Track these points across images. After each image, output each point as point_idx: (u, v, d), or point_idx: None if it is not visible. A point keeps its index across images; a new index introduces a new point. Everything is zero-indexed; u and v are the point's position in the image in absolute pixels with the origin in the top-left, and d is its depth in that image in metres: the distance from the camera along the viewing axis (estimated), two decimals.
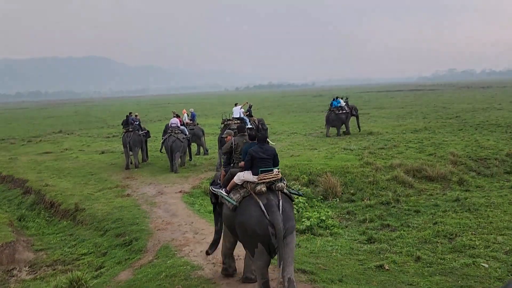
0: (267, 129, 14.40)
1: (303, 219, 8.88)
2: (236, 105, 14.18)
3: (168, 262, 6.22)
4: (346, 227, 8.81)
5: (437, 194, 10.26)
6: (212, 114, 38.66)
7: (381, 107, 36.23)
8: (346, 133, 19.91)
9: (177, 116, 14.69)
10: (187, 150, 14.40)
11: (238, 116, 13.78)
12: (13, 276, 7.18)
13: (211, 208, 7.76)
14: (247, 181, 4.76)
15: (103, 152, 18.29)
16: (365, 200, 10.03)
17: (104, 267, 6.95)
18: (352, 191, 10.70)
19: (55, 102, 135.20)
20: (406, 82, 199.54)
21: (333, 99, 20.74)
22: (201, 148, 16.62)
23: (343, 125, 19.94)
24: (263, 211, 4.49)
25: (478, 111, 27.65)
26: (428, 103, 39.86)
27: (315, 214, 9.14)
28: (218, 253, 5.87)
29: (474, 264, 6.07)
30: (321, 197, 10.53)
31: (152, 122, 33.59)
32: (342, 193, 10.61)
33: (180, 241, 7.16)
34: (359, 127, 20.51)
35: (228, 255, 5.57)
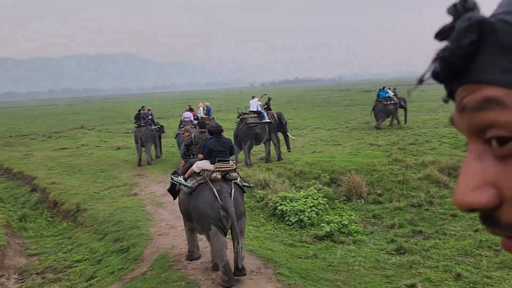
0: (286, 122, 13.40)
1: (323, 224, 7.92)
2: (253, 97, 13.25)
3: (162, 275, 5.40)
4: (372, 233, 7.78)
5: None
6: (234, 109, 37.91)
7: (411, 100, 34.47)
8: (393, 124, 18.94)
9: (191, 110, 13.91)
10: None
11: (255, 109, 12.85)
12: (0, 284, 6.54)
13: None
14: (204, 169, 5.15)
15: (118, 148, 17.77)
16: (394, 202, 8.91)
17: (95, 277, 6.20)
18: (379, 192, 9.60)
19: (83, 98, 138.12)
20: None
21: (380, 90, 19.55)
22: None
23: (390, 116, 18.91)
24: (216, 196, 4.92)
25: None
26: None
27: (336, 218, 8.15)
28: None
29: None
30: (344, 198, 9.50)
31: (174, 117, 33.06)
32: (367, 194, 9.54)
33: (180, 249, 6.33)
34: (406, 120, 19.31)
35: (191, 242, 5.79)
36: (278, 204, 8.67)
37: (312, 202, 8.74)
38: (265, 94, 14.18)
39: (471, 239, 6.64)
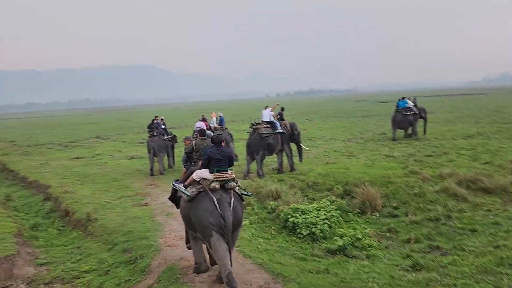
0: (299, 133, 13.24)
1: (335, 237, 7.70)
2: (266, 108, 13.15)
3: None
4: (387, 248, 7.51)
5: (496, 209, 8.64)
6: (248, 120, 37.91)
7: (428, 112, 33.89)
8: (413, 135, 18.63)
9: (204, 120, 13.88)
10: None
11: (268, 119, 12.75)
12: None
13: None
14: (204, 178, 5.21)
15: (132, 158, 17.85)
16: (410, 216, 8.62)
17: None
18: (394, 205, 9.32)
19: (101, 109, 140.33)
20: (454, 87, 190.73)
21: (399, 100, 19.31)
22: None
23: (410, 127, 18.68)
24: (215, 205, 4.96)
25: None
26: (479, 107, 36.99)
27: (350, 232, 7.91)
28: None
29: None
30: (358, 210, 9.25)
31: (188, 127, 33.21)
32: (382, 207, 9.26)
33: (188, 261, 6.19)
34: (425, 131, 18.97)
35: (197, 252, 5.72)
36: (289, 216, 8.48)
37: (324, 214, 8.52)
38: (278, 104, 14.07)
39: (492, 256, 6.33)
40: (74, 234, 8.84)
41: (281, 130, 12.63)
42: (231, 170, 5.35)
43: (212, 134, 13.54)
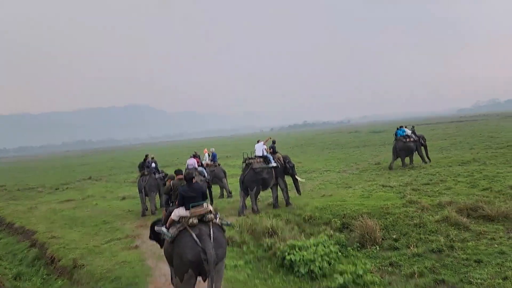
0: (293, 166, 12.99)
1: (335, 274, 7.28)
2: (258, 142, 12.97)
3: None
4: (390, 284, 7.09)
5: (500, 237, 8.29)
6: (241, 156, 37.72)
7: None
8: (423, 161, 18.63)
9: (195, 157, 13.63)
10: (207, 193, 13.18)
11: (261, 154, 12.53)
12: None
13: (228, 262, 7.46)
14: (182, 216, 5.36)
15: (124, 198, 17.43)
16: (411, 248, 8.24)
17: None
18: (394, 236, 8.95)
19: (95, 150, 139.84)
20: (445, 115, 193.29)
21: (398, 128, 19.30)
22: (224, 190, 15.36)
23: (410, 155, 18.64)
24: (195, 240, 5.08)
25: None
26: (472, 133, 37.14)
27: (350, 267, 7.50)
28: None
29: None
30: (358, 244, 8.85)
31: (182, 164, 32.86)
32: (382, 239, 8.88)
33: None
34: (426, 158, 18.82)
35: None
36: (286, 254, 8.09)
37: (323, 250, 8.13)
38: (270, 138, 13.89)
39: None
40: (59, 282, 8.34)
41: (274, 164, 12.39)
42: (206, 203, 5.53)
43: (205, 170, 13.29)
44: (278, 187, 12.62)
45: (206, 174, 13.04)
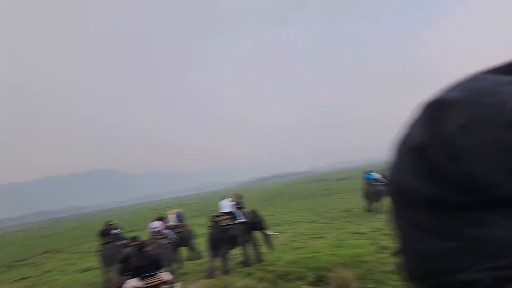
0: (261, 220, 12.65)
1: None
2: (224, 198, 12.66)
3: None
4: None
5: None
6: (211, 213, 36.90)
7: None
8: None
9: (160, 219, 13.08)
10: (174, 256, 12.52)
11: (228, 210, 12.18)
12: None
13: None
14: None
15: (86, 270, 16.26)
16: None
17: None
18: (371, 286, 8.68)
19: (57, 219, 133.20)
20: None
21: (365, 173, 19.38)
22: (193, 252, 14.67)
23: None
24: None
25: None
26: None
27: None
28: None
29: None
30: None
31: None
32: None
33: None
34: None
35: None
36: None
37: None
38: (235, 193, 13.62)
39: None
40: None
41: (243, 219, 12.03)
42: (160, 273, 5.44)
43: (171, 233, 12.72)
44: (249, 243, 12.19)
45: (173, 237, 12.46)
